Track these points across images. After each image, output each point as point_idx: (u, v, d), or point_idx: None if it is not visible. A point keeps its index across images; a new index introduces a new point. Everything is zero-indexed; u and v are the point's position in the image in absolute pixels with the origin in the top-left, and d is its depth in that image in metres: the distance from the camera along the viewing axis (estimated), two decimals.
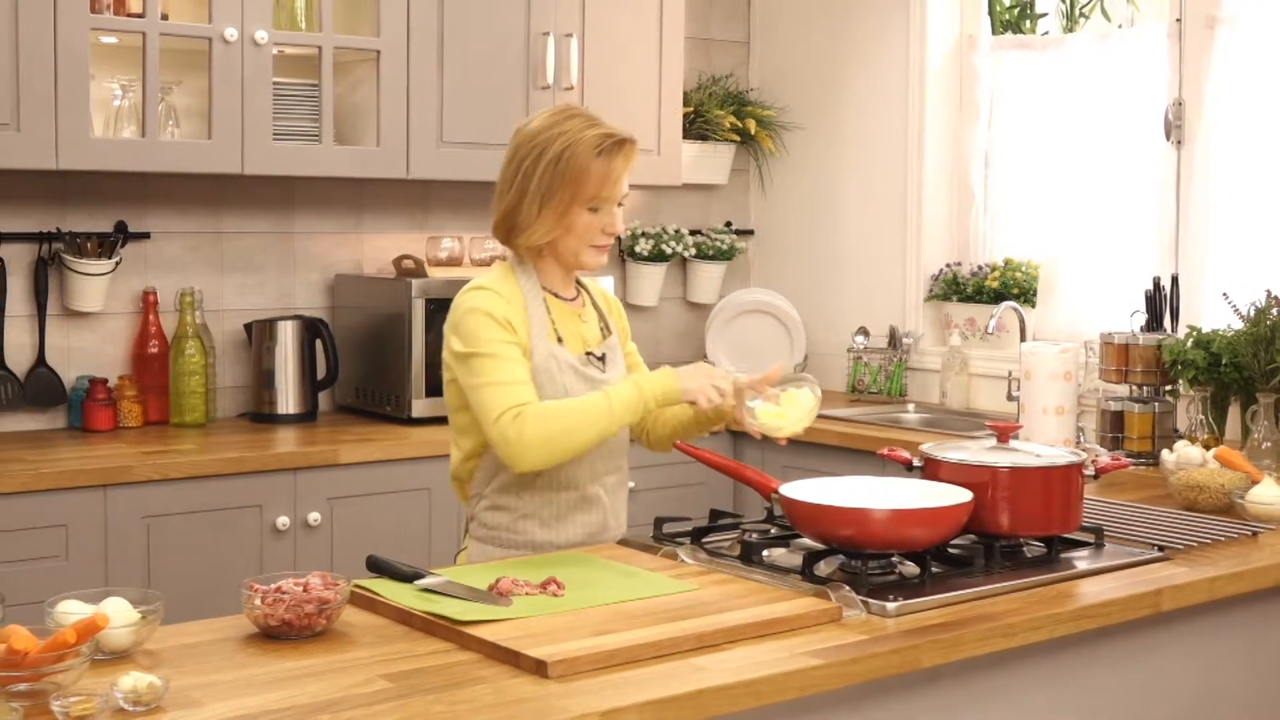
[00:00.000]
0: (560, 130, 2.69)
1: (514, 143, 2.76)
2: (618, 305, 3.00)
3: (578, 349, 2.79)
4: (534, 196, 2.69)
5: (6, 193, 4.02)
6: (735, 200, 5.46)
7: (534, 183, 2.68)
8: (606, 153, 2.69)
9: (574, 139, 2.68)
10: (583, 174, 2.67)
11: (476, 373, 2.65)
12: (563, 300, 2.82)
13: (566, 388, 2.73)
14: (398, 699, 1.93)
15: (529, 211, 2.70)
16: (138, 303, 4.22)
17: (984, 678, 2.36)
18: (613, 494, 2.85)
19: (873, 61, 5.10)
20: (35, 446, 3.82)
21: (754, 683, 2.04)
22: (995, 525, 2.64)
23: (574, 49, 4.49)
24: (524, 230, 2.72)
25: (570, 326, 2.81)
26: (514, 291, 2.74)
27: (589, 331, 2.84)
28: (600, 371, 2.80)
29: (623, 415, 2.65)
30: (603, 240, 2.75)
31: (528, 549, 2.77)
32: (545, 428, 2.59)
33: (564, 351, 2.76)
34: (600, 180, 2.68)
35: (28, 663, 1.89)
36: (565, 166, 2.67)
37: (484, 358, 2.65)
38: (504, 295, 2.71)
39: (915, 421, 4.69)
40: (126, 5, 3.87)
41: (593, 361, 2.81)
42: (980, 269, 4.87)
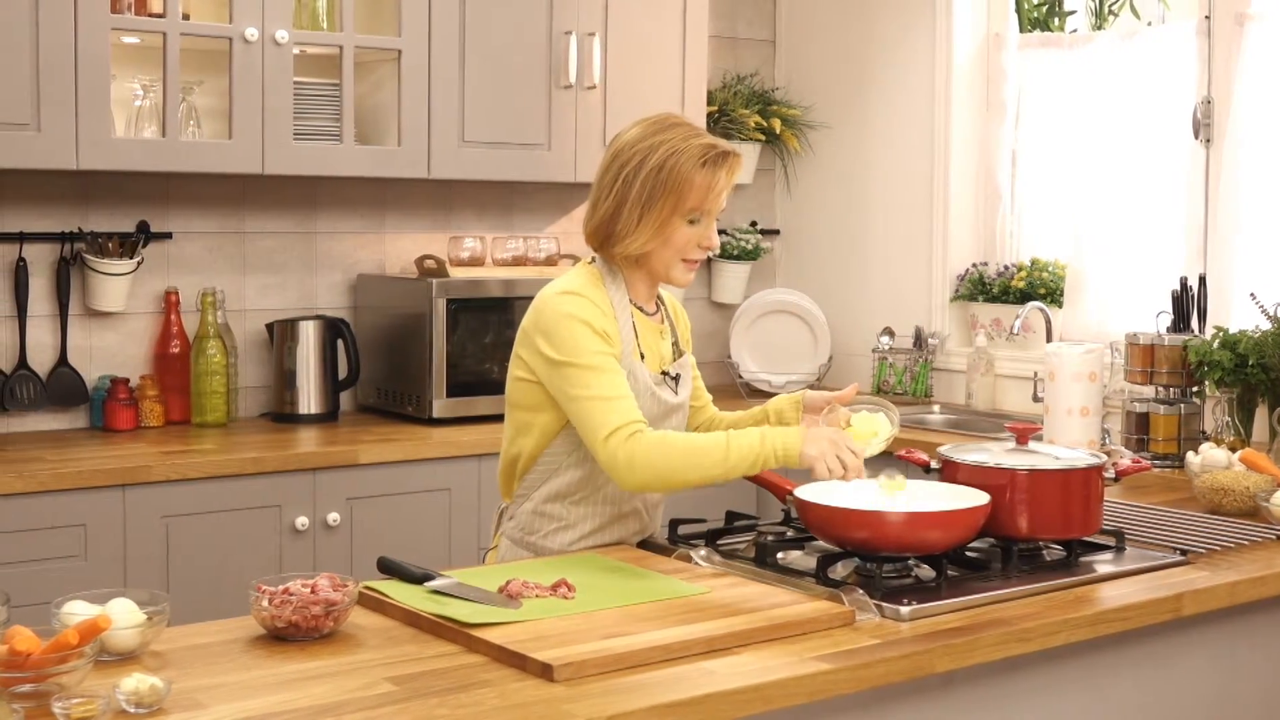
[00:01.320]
0: (663, 139, 2.62)
1: (612, 150, 2.69)
2: (685, 317, 2.94)
3: (655, 367, 2.74)
4: (634, 205, 2.62)
5: (29, 193, 4.03)
6: (761, 200, 5.43)
7: (634, 191, 2.61)
8: (711, 164, 2.62)
9: (678, 148, 2.61)
10: (685, 184, 2.60)
11: (578, 384, 2.57)
12: (646, 315, 2.76)
13: (646, 409, 2.66)
14: (400, 702, 1.92)
15: (628, 220, 2.63)
16: (159, 303, 4.22)
17: (999, 683, 2.33)
18: (654, 508, 2.83)
19: (899, 60, 5.06)
20: (56, 446, 3.82)
21: (763, 687, 2.02)
22: (1014, 528, 2.60)
23: (596, 48, 4.48)
24: (622, 239, 2.65)
25: (652, 343, 2.75)
26: (605, 301, 2.67)
27: (666, 349, 2.80)
28: (673, 393, 2.76)
29: (738, 465, 2.52)
30: (697, 254, 2.69)
31: (556, 553, 2.74)
32: (659, 459, 2.51)
33: (644, 369, 2.70)
34: (703, 191, 2.61)
35: (30, 664, 1.88)
36: (668, 176, 2.60)
37: (586, 370, 2.57)
38: (599, 304, 2.65)
39: (940, 423, 4.65)
40: (148, 5, 3.87)
41: (667, 381, 2.76)
42: (1006, 269, 4.83)
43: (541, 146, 4.43)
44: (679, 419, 2.79)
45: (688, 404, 2.83)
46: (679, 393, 2.78)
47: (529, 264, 4.52)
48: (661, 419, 2.72)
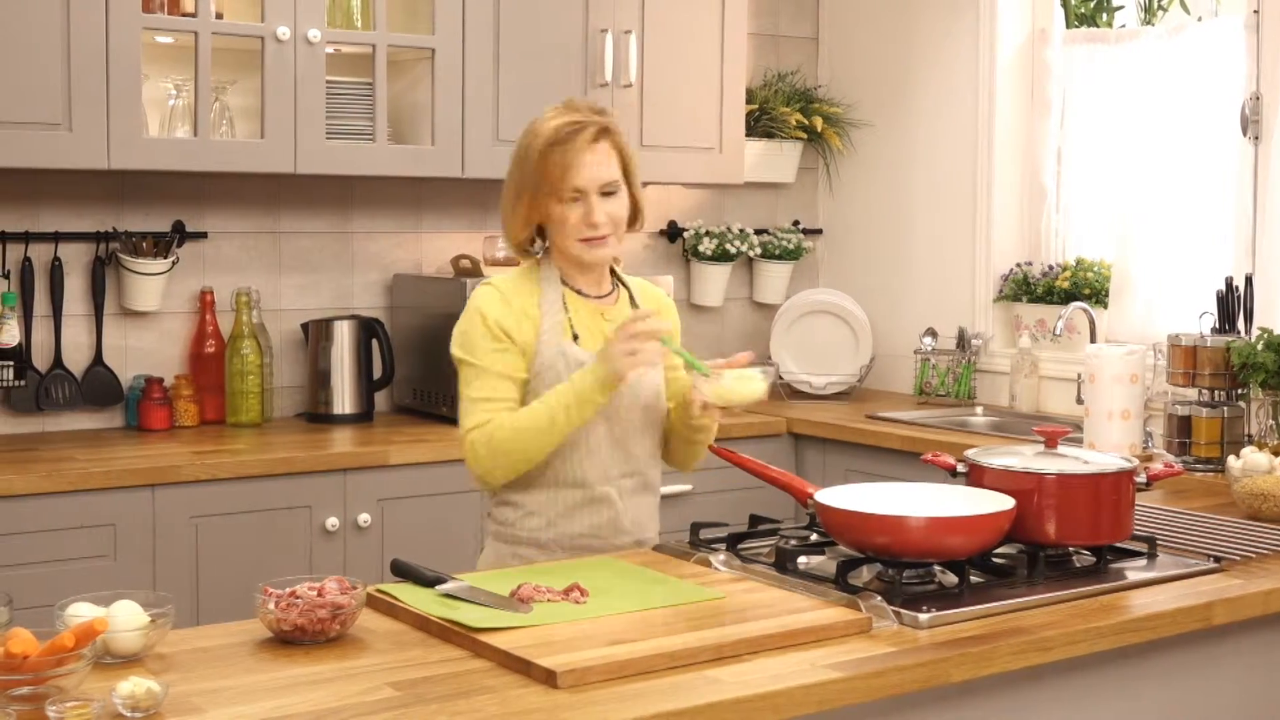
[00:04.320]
0: (530, 126, 2.73)
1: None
2: (670, 308, 2.95)
3: (596, 346, 2.74)
4: (508, 194, 2.75)
5: (64, 193, 4.04)
6: (803, 199, 5.38)
7: (509, 182, 2.75)
8: (562, 142, 2.66)
9: (535, 131, 2.70)
10: (544, 165, 2.67)
11: (461, 380, 2.74)
12: (587, 297, 2.80)
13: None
14: (399, 708, 1.88)
15: (506, 209, 2.76)
16: (194, 302, 4.22)
17: (1020, 694, 2.28)
18: (628, 497, 2.81)
19: (943, 57, 4.99)
20: (89, 445, 3.83)
21: (771, 696, 1.97)
22: (1041, 534, 2.54)
23: (633, 46, 4.44)
24: (505, 227, 2.78)
25: (591, 323, 2.78)
26: (528, 288, 2.76)
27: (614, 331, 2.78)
28: None
29: (560, 415, 2.63)
30: (585, 233, 2.70)
31: (533, 546, 2.77)
32: (499, 443, 2.66)
33: (576, 349, 2.73)
34: (561, 170, 2.66)
35: (27, 666, 1.86)
36: (528, 159, 2.69)
37: (469, 368, 2.72)
38: (509, 293, 2.74)
39: (983, 425, 4.58)
40: (180, 4, 3.87)
41: None
42: (1051, 269, 4.75)
43: None
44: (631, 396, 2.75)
45: (649, 381, 2.79)
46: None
47: None
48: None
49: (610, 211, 2.71)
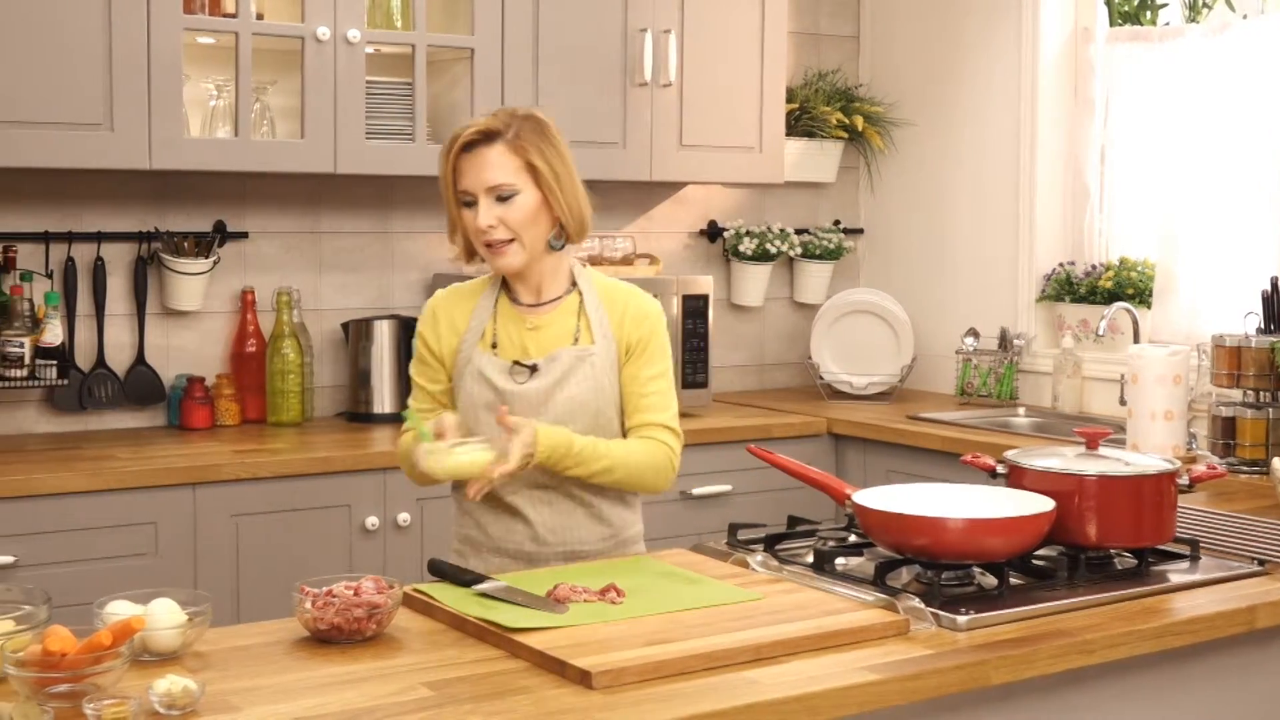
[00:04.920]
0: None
1: None
2: (638, 319, 2.75)
3: (512, 356, 2.72)
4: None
5: (107, 193, 4.06)
6: (844, 198, 5.36)
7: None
8: (446, 150, 2.69)
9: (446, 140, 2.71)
10: (444, 170, 2.69)
11: None
12: (518, 306, 2.76)
13: (474, 395, 2.72)
14: (433, 708, 1.88)
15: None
16: (236, 302, 4.24)
17: (1061, 697, 2.26)
18: (540, 508, 2.73)
19: (985, 55, 4.96)
20: (131, 444, 3.85)
21: (808, 698, 1.96)
22: (1082, 536, 2.52)
23: (672, 45, 4.43)
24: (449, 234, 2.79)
25: (510, 333, 2.74)
26: (471, 295, 2.79)
27: (537, 340, 2.72)
28: (518, 383, 2.69)
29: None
30: (482, 238, 2.66)
31: (467, 544, 2.80)
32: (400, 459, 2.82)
33: (487, 359, 2.72)
34: (450, 176, 2.68)
35: (65, 664, 1.87)
36: (440, 170, 2.71)
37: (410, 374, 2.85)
38: (444, 304, 2.80)
39: (1025, 426, 4.55)
40: (221, 5, 3.89)
41: (517, 371, 2.70)
42: (1094, 268, 4.72)
43: (616, 145, 4.40)
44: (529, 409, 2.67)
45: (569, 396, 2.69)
46: (530, 382, 2.69)
47: (604, 263, 4.49)
48: (503, 405, 2.66)
49: (503, 216, 2.64)
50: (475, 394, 2.72)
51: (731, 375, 5.12)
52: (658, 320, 2.78)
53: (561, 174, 2.69)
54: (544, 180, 2.66)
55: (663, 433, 2.74)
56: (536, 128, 2.69)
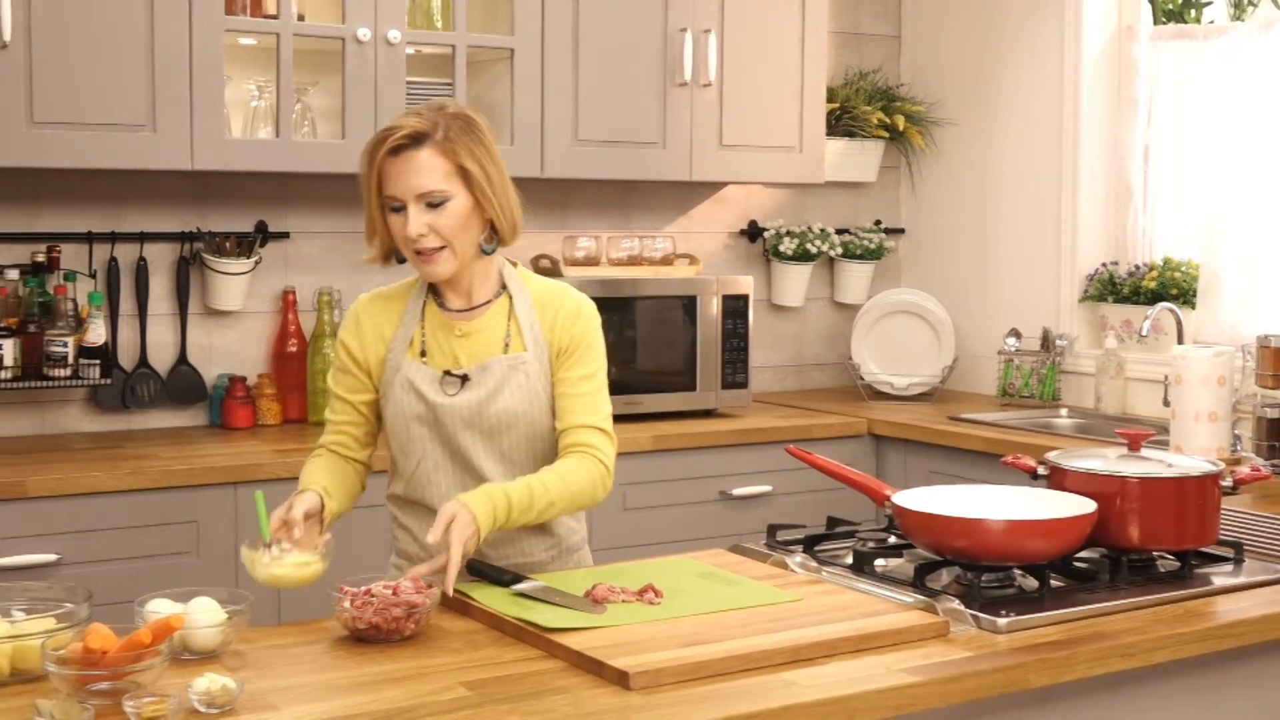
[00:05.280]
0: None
1: None
2: (569, 319, 2.64)
3: (441, 365, 2.60)
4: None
5: (150, 193, 4.08)
6: (885, 198, 5.34)
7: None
8: (377, 148, 2.51)
9: (368, 143, 2.56)
10: (367, 174, 2.54)
11: None
12: (445, 312, 2.62)
13: (404, 406, 2.60)
14: (471, 708, 1.89)
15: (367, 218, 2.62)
16: (277, 302, 4.26)
17: (1101, 700, 2.24)
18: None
19: (1027, 54, 4.93)
20: (173, 443, 3.87)
21: (846, 699, 1.95)
22: (1124, 538, 2.50)
23: (712, 45, 4.42)
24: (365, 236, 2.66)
25: (439, 341, 2.61)
26: (395, 301, 2.67)
27: (467, 347, 2.60)
28: (448, 395, 2.57)
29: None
30: (412, 245, 2.52)
31: (404, 558, 2.71)
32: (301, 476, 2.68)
33: (416, 367, 2.59)
34: (374, 180, 2.53)
35: (105, 662, 1.88)
36: (361, 174, 2.57)
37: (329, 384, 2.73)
38: (368, 310, 2.68)
39: (1067, 427, 4.52)
40: (262, 6, 3.90)
41: (448, 381, 2.58)
42: (1138, 268, 4.68)
43: (656, 145, 4.39)
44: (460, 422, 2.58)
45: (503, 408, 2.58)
46: (460, 394, 2.57)
47: (644, 263, 4.49)
48: (434, 419, 2.59)
49: (434, 223, 2.49)
50: (406, 406, 2.59)
51: (771, 376, 5.11)
52: (590, 319, 2.66)
53: (493, 175, 2.54)
54: (475, 183, 2.52)
55: (593, 435, 2.59)
56: (466, 127, 2.53)
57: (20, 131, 3.56)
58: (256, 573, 2.26)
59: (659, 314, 4.38)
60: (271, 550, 2.30)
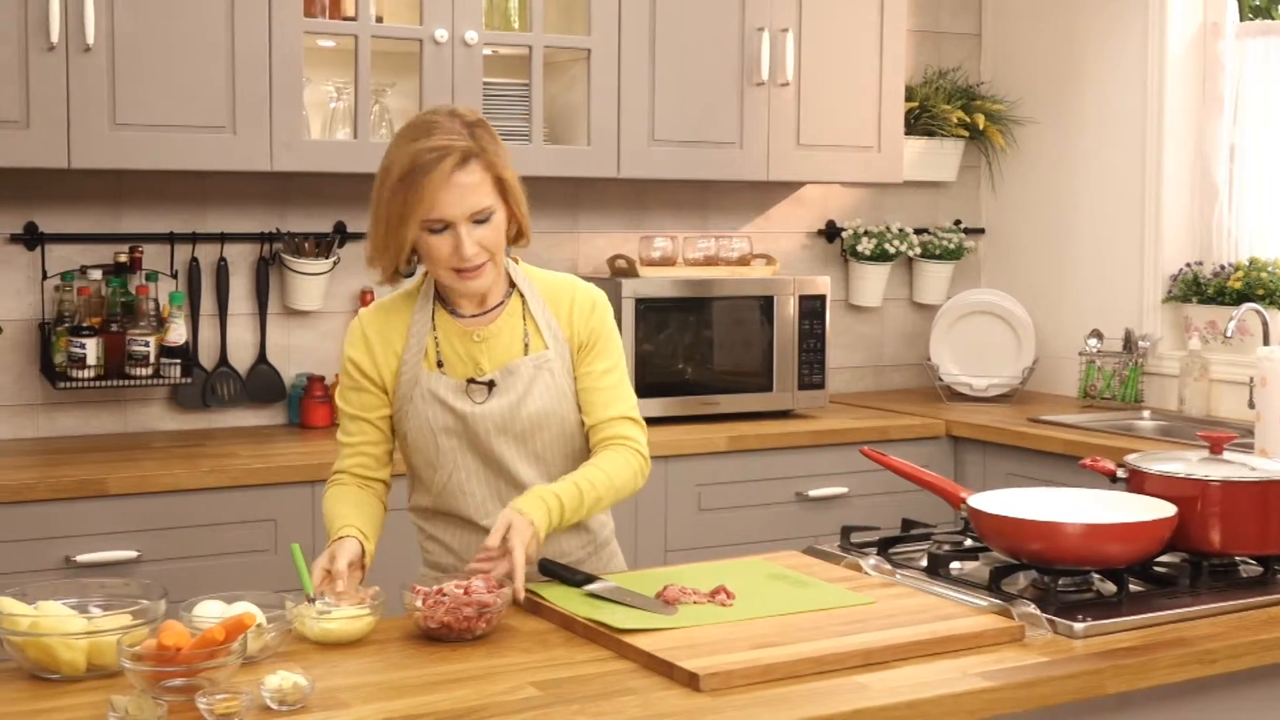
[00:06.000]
0: (390, 152, 2.46)
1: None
2: (585, 313, 2.61)
3: (463, 373, 2.55)
4: (373, 223, 2.47)
5: (230, 195, 4.13)
6: (965, 198, 5.29)
7: (372, 209, 2.47)
8: (423, 170, 2.38)
9: (392, 161, 2.43)
10: (405, 196, 2.40)
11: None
12: (459, 318, 2.56)
13: (430, 419, 2.53)
14: (541, 708, 1.88)
15: (372, 238, 2.48)
16: (355, 302, 4.29)
17: (1179, 708, 2.20)
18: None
19: (1110, 52, 4.87)
20: (252, 442, 3.91)
21: (918, 704, 1.93)
22: (1205, 543, 2.46)
23: (790, 44, 4.40)
24: (369, 258, 2.51)
25: (457, 348, 2.55)
26: (399, 313, 2.58)
27: (488, 352, 2.55)
28: (476, 403, 2.52)
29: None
30: (457, 263, 2.44)
31: (436, 569, 2.63)
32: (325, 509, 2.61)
33: (436, 379, 2.53)
34: (425, 202, 2.39)
35: (180, 659, 1.90)
36: (388, 187, 2.42)
37: (336, 405, 2.67)
38: (374, 324, 2.58)
39: (1150, 429, 4.46)
40: (341, 8, 3.93)
41: (474, 389, 2.53)
42: (1223, 269, 4.61)
43: (733, 145, 4.38)
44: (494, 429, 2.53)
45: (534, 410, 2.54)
46: (489, 401, 2.53)
47: (720, 264, 4.47)
48: (464, 429, 2.54)
49: (482, 239, 2.44)
50: (431, 418, 2.53)
51: (849, 376, 5.08)
52: (605, 310, 2.63)
53: (516, 179, 2.51)
54: (510, 191, 2.49)
55: (626, 426, 2.58)
56: (491, 134, 2.49)
57: (103, 134, 3.61)
58: (306, 628, 2.17)
59: (735, 314, 4.36)
60: (316, 604, 2.24)
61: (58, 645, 1.97)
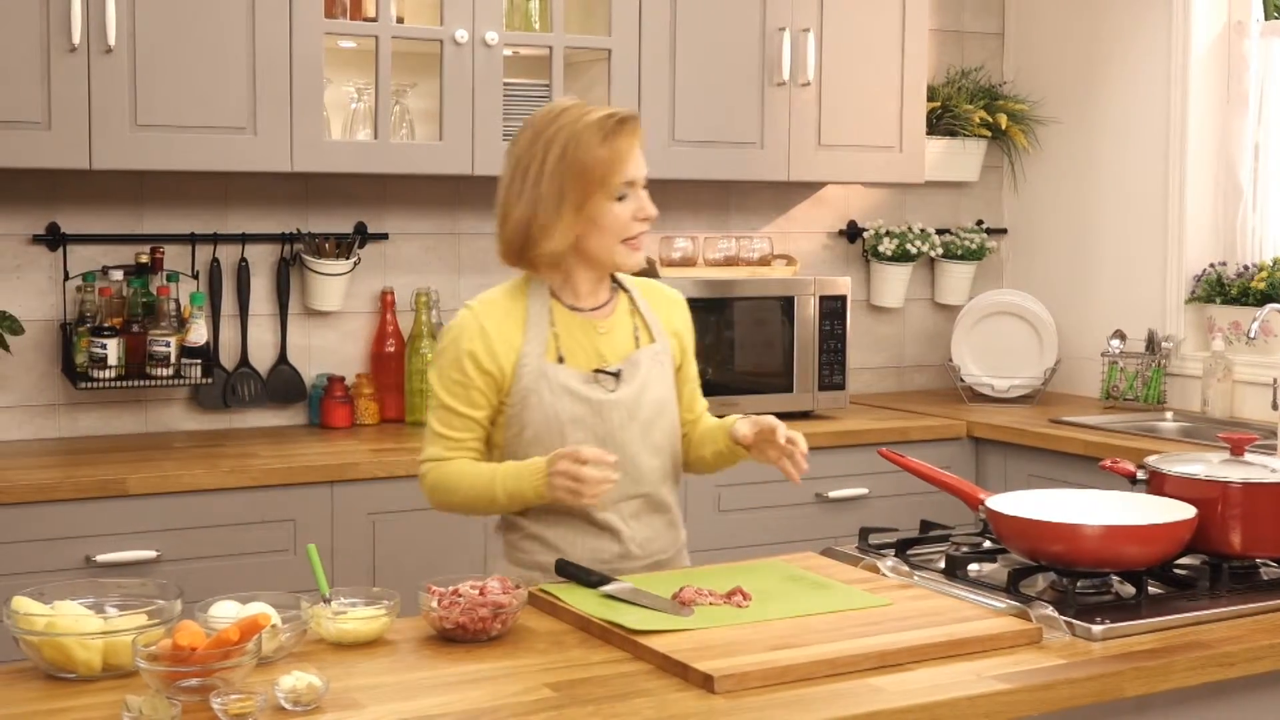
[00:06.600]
0: (557, 128, 2.53)
1: (513, 156, 2.59)
2: (683, 316, 2.76)
3: (587, 364, 2.60)
4: (549, 200, 2.51)
5: (251, 195, 4.13)
6: (987, 198, 5.27)
7: (544, 187, 2.51)
8: (611, 135, 2.51)
9: (574, 130, 2.51)
10: (593, 164, 2.50)
11: (429, 407, 2.66)
12: (579, 312, 2.62)
13: (558, 410, 2.55)
14: (555, 709, 1.88)
15: (547, 216, 2.51)
16: (375, 302, 4.29)
17: (1198, 711, 2.19)
18: (633, 521, 2.62)
19: (1134, 51, 4.85)
20: (272, 442, 3.91)
21: (933, 706, 1.93)
22: (1226, 545, 2.45)
23: (811, 44, 4.39)
24: (545, 238, 2.53)
25: (580, 340, 2.61)
26: (512, 307, 2.60)
27: (610, 344, 2.62)
28: (607, 391, 2.58)
29: (508, 504, 2.55)
30: (636, 229, 2.56)
31: (536, 569, 2.59)
32: (439, 499, 2.62)
33: (562, 371, 2.57)
34: (613, 164, 2.51)
35: (194, 659, 1.90)
36: (573, 160, 2.50)
37: (435, 396, 2.62)
38: (489, 317, 2.58)
39: (1172, 431, 4.43)
40: (361, 9, 3.94)
41: (601, 379, 2.59)
42: (1247, 269, 4.58)
43: (754, 145, 4.37)
44: (625, 416, 2.59)
45: (654, 398, 2.63)
46: (619, 390, 2.59)
47: (741, 264, 4.47)
48: (597, 417, 2.58)
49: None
50: (561, 409, 2.56)
51: (870, 377, 5.07)
52: (689, 313, 2.81)
53: None
54: None
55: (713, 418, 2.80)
56: None
57: (124, 134, 3.62)
58: (322, 629, 2.17)
59: (756, 315, 4.35)
60: (332, 605, 2.24)
61: (73, 645, 1.97)
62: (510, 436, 2.60)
